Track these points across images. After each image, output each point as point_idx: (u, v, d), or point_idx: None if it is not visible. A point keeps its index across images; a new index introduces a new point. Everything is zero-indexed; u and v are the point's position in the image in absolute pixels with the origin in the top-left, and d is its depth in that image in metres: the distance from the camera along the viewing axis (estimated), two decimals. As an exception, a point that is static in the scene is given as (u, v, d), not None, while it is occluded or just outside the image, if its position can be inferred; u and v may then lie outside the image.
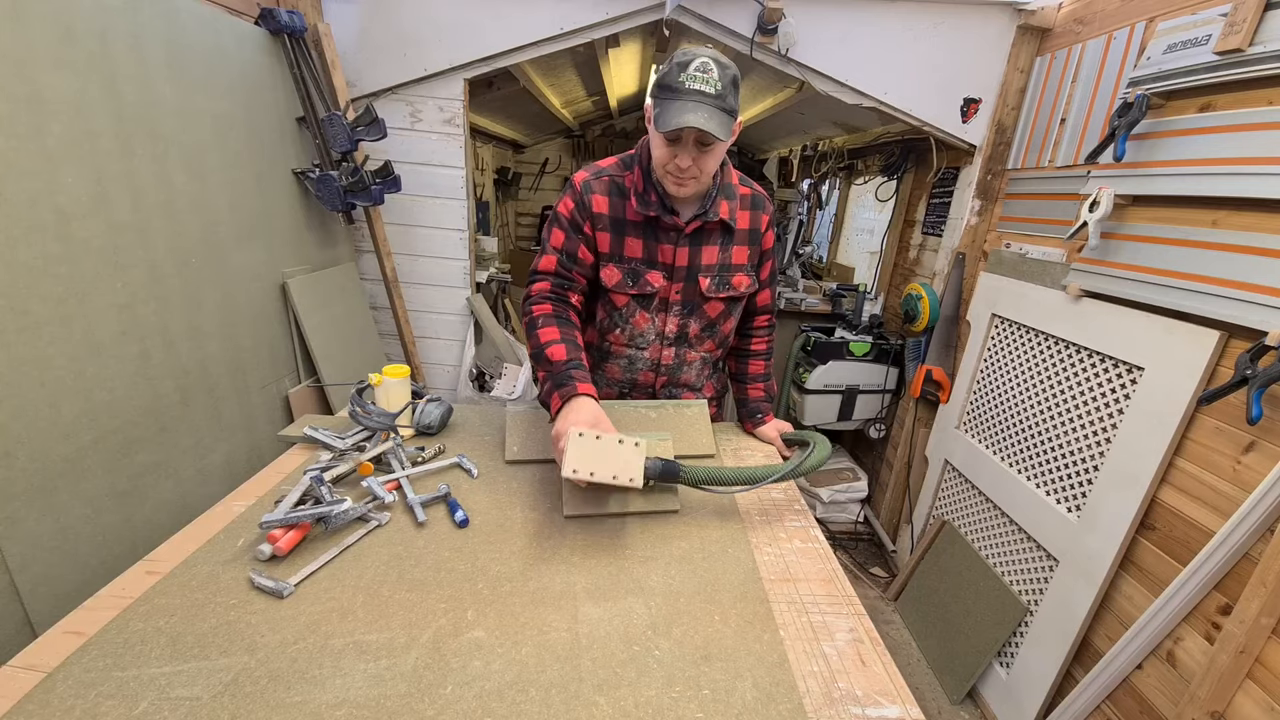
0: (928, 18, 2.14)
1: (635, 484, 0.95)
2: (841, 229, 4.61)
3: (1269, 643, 1.23)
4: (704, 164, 1.13)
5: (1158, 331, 1.55)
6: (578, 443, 0.95)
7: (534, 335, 1.21)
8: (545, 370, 1.16)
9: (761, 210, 1.32)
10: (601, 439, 0.96)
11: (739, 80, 1.09)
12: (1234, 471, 1.36)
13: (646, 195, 1.23)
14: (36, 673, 0.70)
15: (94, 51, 1.36)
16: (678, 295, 1.31)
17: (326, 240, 2.34)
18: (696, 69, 1.04)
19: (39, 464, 1.26)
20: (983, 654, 2.00)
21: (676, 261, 1.28)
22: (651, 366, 1.40)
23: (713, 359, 1.46)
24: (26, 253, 1.22)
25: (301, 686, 0.70)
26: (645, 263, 1.28)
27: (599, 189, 1.25)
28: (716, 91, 1.05)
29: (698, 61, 1.04)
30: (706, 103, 1.04)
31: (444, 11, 2.21)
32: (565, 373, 1.13)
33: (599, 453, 0.95)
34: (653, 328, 1.35)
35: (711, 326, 1.37)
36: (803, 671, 0.76)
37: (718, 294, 1.31)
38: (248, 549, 0.93)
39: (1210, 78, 1.46)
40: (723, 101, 1.06)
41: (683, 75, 1.04)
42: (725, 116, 1.06)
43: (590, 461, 0.94)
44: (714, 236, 1.28)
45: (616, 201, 1.25)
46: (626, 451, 0.96)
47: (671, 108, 1.05)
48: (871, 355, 2.80)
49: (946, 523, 2.37)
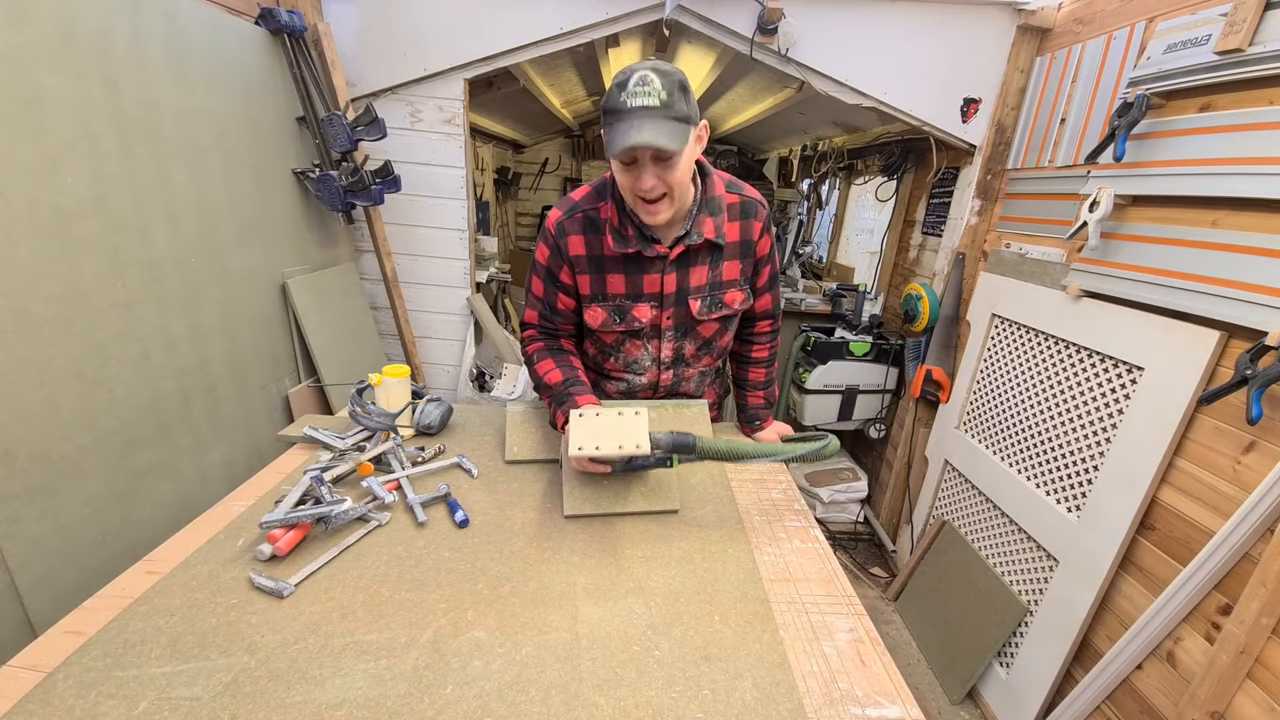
0: (928, 18, 2.14)
1: (643, 450, 0.94)
2: (841, 229, 4.60)
3: (1269, 643, 1.23)
4: (670, 179, 1.04)
5: (1158, 331, 1.55)
6: (578, 422, 0.95)
7: (533, 371, 1.27)
8: (548, 396, 1.22)
9: (752, 218, 1.24)
10: (601, 414, 0.96)
11: (686, 84, 1.03)
12: (1234, 471, 1.36)
13: (623, 230, 1.17)
14: (36, 673, 0.70)
15: (94, 51, 1.36)
16: (669, 321, 1.26)
17: (326, 240, 2.34)
18: (635, 84, 0.98)
19: (39, 464, 1.26)
20: (983, 654, 2.00)
21: (665, 289, 1.22)
22: (650, 387, 1.38)
23: (712, 370, 1.43)
24: (26, 253, 1.23)
25: (301, 686, 0.70)
26: (630, 297, 1.22)
27: (572, 229, 1.19)
28: (662, 101, 0.98)
29: (635, 76, 0.99)
30: (653, 116, 0.98)
31: (444, 11, 2.21)
32: (564, 391, 1.18)
33: (601, 428, 0.95)
34: (647, 354, 1.32)
35: (707, 345, 1.33)
36: (803, 671, 0.76)
37: (709, 315, 1.26)
38: (248, 549, 0.93)
39: (1210, 78, 1.46)
40: (670, 110, 0.99)
41: (623, 95, 0.99)
42: (677, 125, 1.00)
43: (594, 437, 0.94)
44: (701, 256, 1.21)
45: (593, 239, 1.19)
46: (628, 422, 0.96)
47: (618, 130, 0.99)
48: (871, 355, 2.80)
49: (946, 523, 2.37)
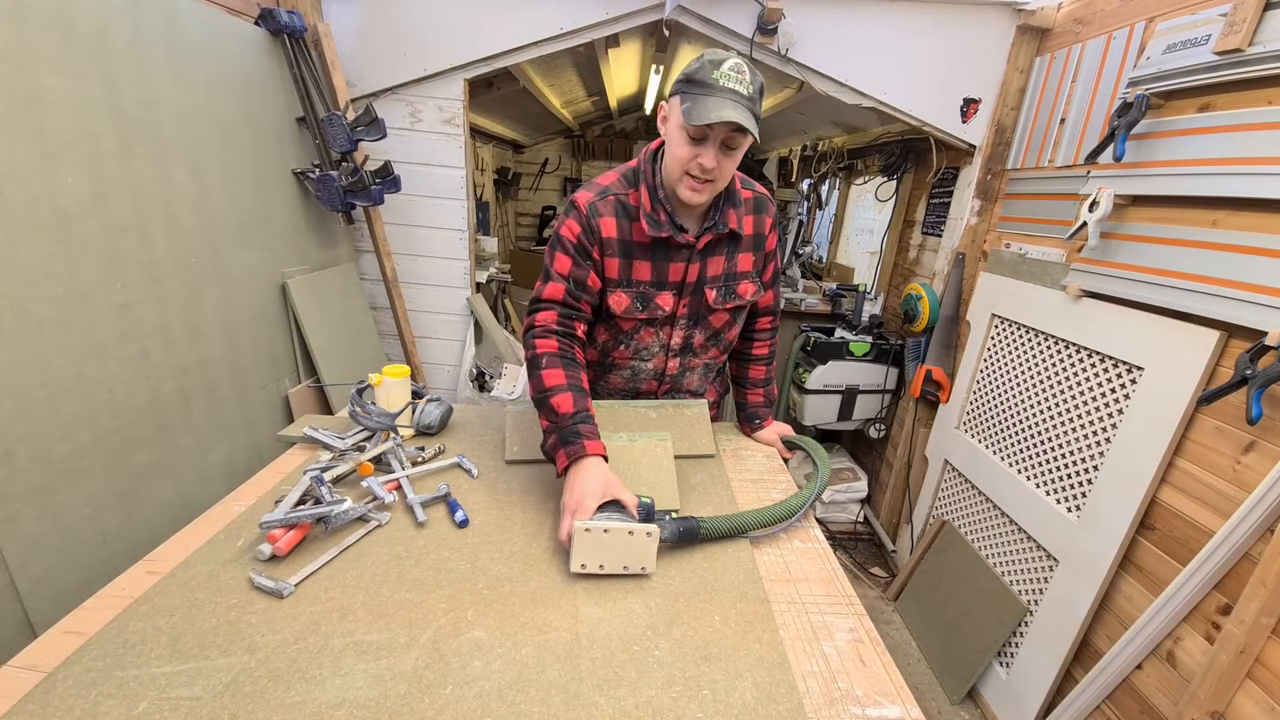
0: (928, 18, 2.14)
1: (648, 571, 0.92)
2: (841, 229, 4.61)
3: (1269, 643, 1.23)
4: (725, 166, 1.10)
5: (1158, 331, 1.55)
6: (584, 538, 0.88)
7: (537, 376, 1.12)
8: (550, 420, 1.08)
9: (764, 213, 1.29)
10: (610, 532, 0.89)
11: (764, 89, 1.09)
12: (1234, 471, 1.36)
13: (656, 215, 1.17)
14: (36, 673, 0.70)
15: (94, 51, 1.36)
16: (684, 309, 1.28)
17: (326, 240, 2.34)
18: (731, 68, 1.02)
19: (39, 464, 1.26)
20: (983, 654, 2.00)
21: (688, 278, 1.24)
22: (655, 375, 1.39)
23: (716, 365, 1.45)
24: (26, 253, 1.22)
25: (301, 686, 0.70)
26: (655, 285, 1.24)
27: (606, 210, 1.19)
28: (749, 94, 1.03)
29: (732, 61, 1.03)
30: (741, 101, 1.02)
31: (444, 11, 2.21)
32: (573, 428, 1.04)
33: (608, 545, 0.90)
34: (658, 340, 1.33)
35: (716, 335, 1.35)
36: (803, 671, 0.76)
37: (724, 304, 1.29)
38: (248, 549, 0.93)
39: (1210, 78, 1.46)
40: (754, 105, 1.04)
41: (716, 73, 1.02)
42: (754, 121, 1.05)
43: (598, 554, 0.90)
44: (721, 247, 1.25)
45: (624, 224, 1.20)
46: (638, 542, 0.90)
47: (707, 103, 1.02)
48: (871, 355, 2.80)
49: (946, 523, 2.37)
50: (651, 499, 0.98)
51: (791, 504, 1.06)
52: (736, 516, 1.01)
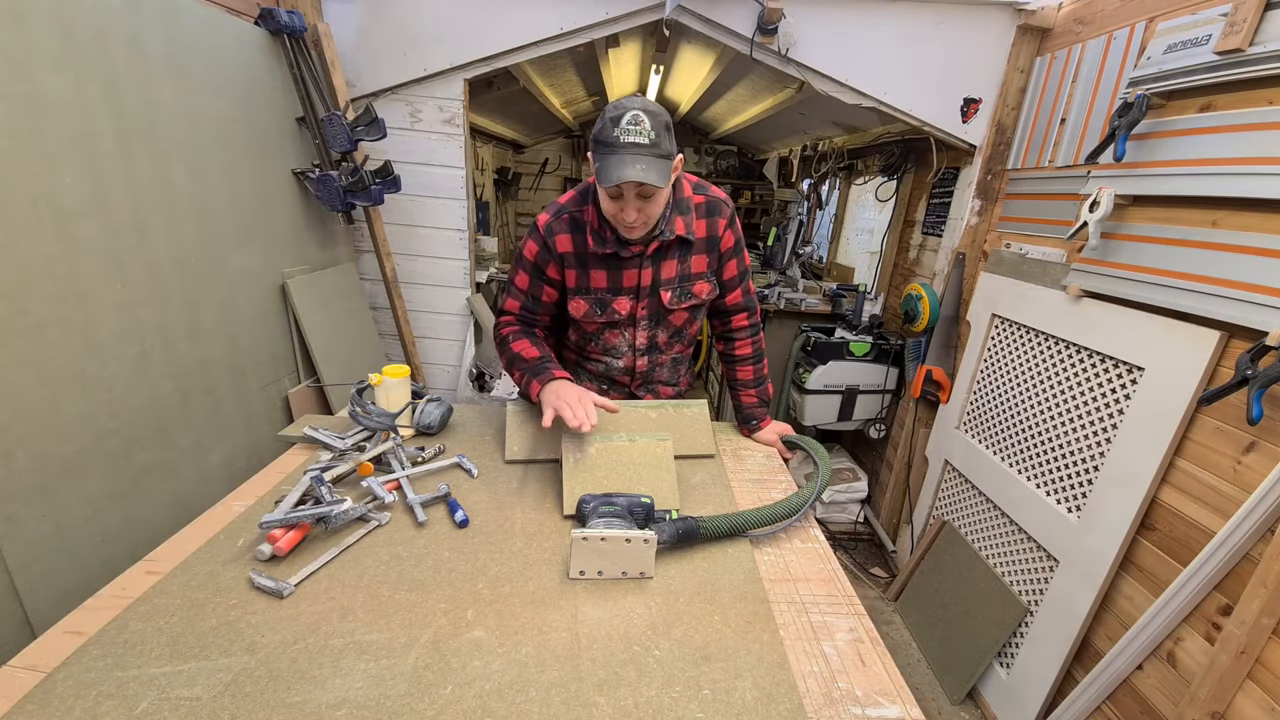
0: (928, 18, 2.14)
1: (648, 576, 0.92)
2: (841, 229, 4.60)
3: (1269, 643, 1.22)
4: (649, 212, 1.16)
5: (1158, 331, 1.55)
6: (581, 545, 0.89)
7: (506, 349, 1.33)
8: (521, 369, 1.28)
9: (718, 216, 1.33)
10: (607, 540, 0.90)
11: (670, 124, 1.13)
12: (1234, 472, 1.36)
13: (602, 233, 1.26)
14: (36, 673, 0.70)
15: (94, 52, 1.36)
16: (644, 311, 1.36)
17: (326, 240, 2.34)
18: (628, 122, 1.07)
19: (39, 464, 1.26)
20: (983, 654, 2.00)
21: (641, 283, 1.32)
22: (626, 372, 1.47)
23: (684, 358, 1.54)
24: (26, 253, 1.23)
25: (301, 686, 0.70)
26: (611, 291, 1.33)
27: (560, 229, 1.29)
28: (650, 141, 1.08)
29: (629, 115, 1.08)
30: (643, 154, 1.08)
31: (444, 11, 2.21)
32: (541, 365, 1.25)
33: (606, 553, 0.90)
34: (624, 341, 1.41)
35: (678, 333, 1.43)
36: (803, 671, 0.76)
37: (680, 304, 1.35)
38: (248, 549, 0.93)
39: (1210, 78, 1.46)
40: (658, 149, 1.09)
41: (616, 130, 1.08)
42: (663, 163, 1.10)
43: (597, 562, 0.90)
44: (672, 251, 1.31)
45: (578, 238, 1.29)
46: (636, 548, 0.91)
47: (610, 162, 1.08)
48: (871, 355, 2.80)
49: (946, 523, 2.37)
50: (651, 499, 0.98)
51: (792, 503, 1.06)
52: (736, 516, 1.01)
